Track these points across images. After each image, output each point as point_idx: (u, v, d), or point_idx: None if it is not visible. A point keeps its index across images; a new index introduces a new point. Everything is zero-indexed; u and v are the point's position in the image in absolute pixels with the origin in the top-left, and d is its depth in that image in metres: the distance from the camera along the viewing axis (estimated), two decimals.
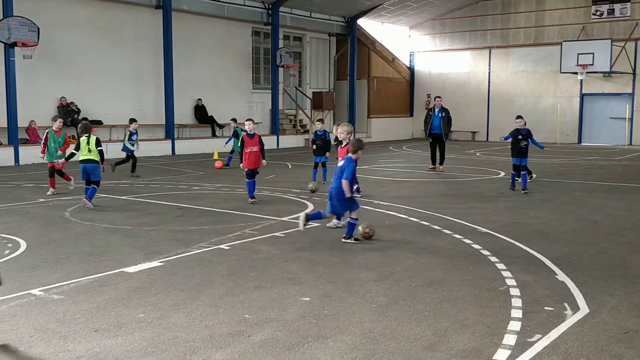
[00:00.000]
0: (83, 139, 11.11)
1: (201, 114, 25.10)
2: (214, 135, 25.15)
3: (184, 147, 23.31)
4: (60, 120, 13.43)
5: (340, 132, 10.18)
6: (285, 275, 6.64)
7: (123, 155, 16.34)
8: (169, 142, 23.05)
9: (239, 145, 13.86)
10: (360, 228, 8.36)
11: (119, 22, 22.37)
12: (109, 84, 22.13)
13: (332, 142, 13.49)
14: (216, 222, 9.60)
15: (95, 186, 11.01)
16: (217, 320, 5.25)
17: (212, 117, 25.25)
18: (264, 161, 11.62)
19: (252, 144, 11.37)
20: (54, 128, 13.01)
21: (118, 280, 6.41)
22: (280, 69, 27.45)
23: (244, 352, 4.59)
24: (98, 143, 11.05)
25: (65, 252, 7.62)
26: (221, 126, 25.65)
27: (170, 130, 23.19)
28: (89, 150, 10.97)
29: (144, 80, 23.25)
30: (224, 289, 6.15)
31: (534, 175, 14.85)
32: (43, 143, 12.93)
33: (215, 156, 21.50)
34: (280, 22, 27.07)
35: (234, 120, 19.70)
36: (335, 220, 9.16)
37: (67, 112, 20.70)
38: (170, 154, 22.90)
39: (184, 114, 24.23)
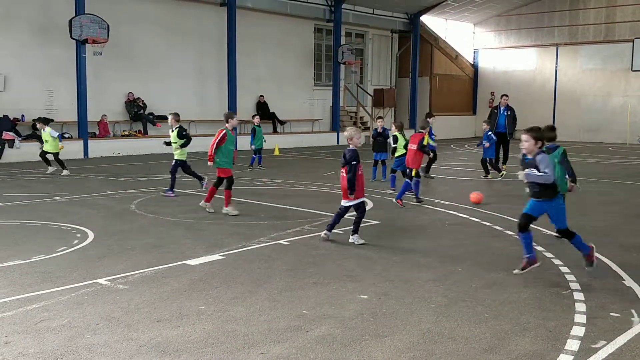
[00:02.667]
0: None
1: (263, 110, 25.40)
2: (275, 131, 25.42)
3: (245, 142, 23.62)
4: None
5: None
6: (344, 272, 6.65)
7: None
8: None
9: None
10: None
11: (185, 19, 22.90)
12: (174, 80, 22.68)
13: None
14: (276, 218, 9.71)
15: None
16: (275, 314, 5.31)
17: (273, 113, 25.52)
18: None
19: None
20: (228, 126, 10.08)
21: (180, 272, 6.57)
22: (342, 66, 27.45)
23: (302, 347, 4.63)
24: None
25: (130, 244, 7.87)
26: (282, 122, 25.89)
27: None
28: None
29: (207, 76, 23.72)
30: (282, 284, 6.22)
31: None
32: (215, 146, 9.91)
33: (277, 152, 21.73)
34: (342, 19, 27.06)
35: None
36: None
37: (134, 108, 21.38)
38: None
39: (246, 109, 24.58)
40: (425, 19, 31.35)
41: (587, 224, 9.60)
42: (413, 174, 11.08)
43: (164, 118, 22.11)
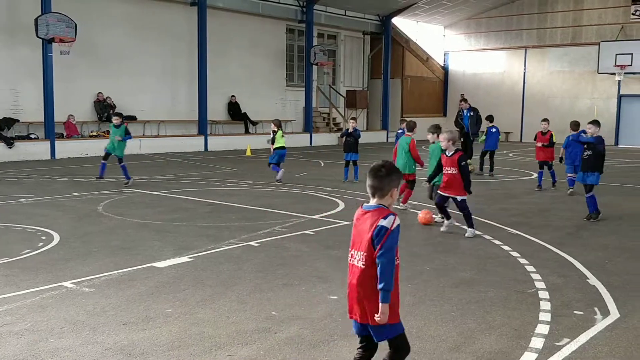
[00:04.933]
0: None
1: (235, 111, 25.30)
2: (247, 132, 25.33)
3: (216, 143, 23.52)
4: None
5: (441, 140, 8.87)
6: (314, 273, 6.65)
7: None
8: (201, 138, 23.28)
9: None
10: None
11: (154, 18, 22.68)
12: (144, 80, 22.46)
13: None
14: (246, 219, 9.67)
15: None
16: (243, 316, 5.28)
17: (245, 113, 25.43)
18: None
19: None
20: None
21: (147, 275, 6.50)
22: (314, 67, 27.49)
23: (269, 348, 4.61)
24: None
25: (96, 246, 7.76)
26: (254, 123, 25.81)
27: (203, 126, 23.43)
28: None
29: (178, 76, 23.55)
30: (251, 285, 6.19)
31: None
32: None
33: (248, 153, 21.66)
34: (314, 20, 27.11)
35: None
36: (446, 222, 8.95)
37: (103, 108, 21.11)
38: (203, 150, 23.14)
39: (217, 110, 24.46)
40: (397, 21, 31.57)
41: (552, 222, 9.77)
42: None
43: (133, 118, 21.94)
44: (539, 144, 13.96)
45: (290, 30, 27.85)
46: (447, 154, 8.70)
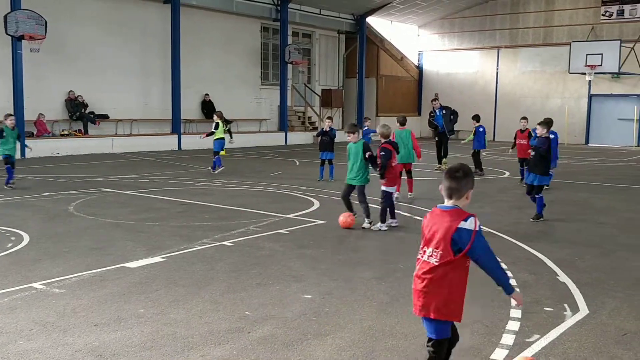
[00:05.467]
0: None
1: (208, 109, 25.13)
2: None
3: (190, 142, 23.35)
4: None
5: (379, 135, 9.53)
6: (288, 273, 6.65)
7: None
8: (175, 137, 23.11)
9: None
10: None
11: (127, 16, 22.45)
12: (116, 78, 22.20)
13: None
14: (220, 219, 9.62)
15: None
16: (216, 316, 5.26)
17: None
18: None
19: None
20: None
21: (119, 275, 6.43)
22: (289, 66, 27.46)
23: (243, 348, 4.60)
24: None
25: (67, 246, 7.66)
26: (229, 122, 25.65)
27: (176, 125, 23.26)
28: None
29: (151, 74, 23.33)
30: (225, 285, 6.16)
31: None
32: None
33: (223, 152, 21.51)
34: (289, 19, 27.07)
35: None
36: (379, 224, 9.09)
37: (75, 106, 20.82)
38: (177, 149, 22.97)
39: (191, 109, 24.28)
40: (371, 20, 31.69)
41: (524, 220, 9.89)
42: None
43: (105, 117, 21.69)
44: (521, 142, 14.13)
45: (264, 28, 27.77)
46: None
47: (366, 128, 18.16)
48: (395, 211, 9.77)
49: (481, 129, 16.55)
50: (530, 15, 31.22)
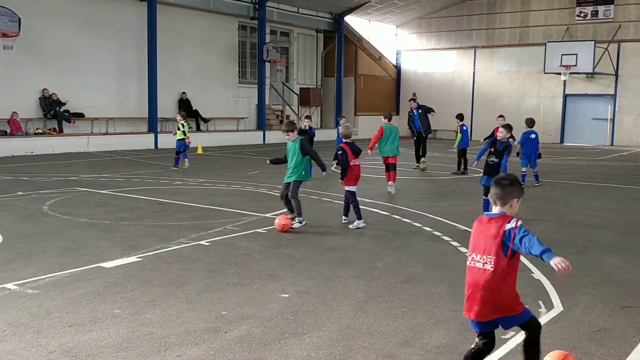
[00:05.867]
0: None
1: (185, 108, 24.95)
2: (198, 129, 25.04)
3: (167, 141, 23.17)
4: None
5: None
6: (265, 272, 6.63)
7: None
8: (151, 136, 22.92)
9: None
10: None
11: (103, 13, 22.20)
12: (92, 76, 21.95)
13: None
14: (197, 218, 9.56)
15: None
16: (193, 316, 5.22)
17: (196, 111, 25.13)
18: None
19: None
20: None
21: (94, 276, 6.36)
22: (267, 64, 27.38)
23: (219, 348, 4.57)
24: None
25: (41, 246, 7.55)
26: (206, 120, 25.54)
27: (153, 123, 23.06)
28: None
29: (127, 72, 23.10)
30: (202, 285, 6.12)
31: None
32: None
33: (200, 150, 21.41)
34: (267, 17, 27.00)
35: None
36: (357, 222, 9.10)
37: (49, 104, 20.54)
38: (153, 147, 22.78)
39: (167, 107, 24.09)
40: (350, 19, 31.74)
41: None
42: None
43: (80, 115, 21.44)
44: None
45: (242, 26, 27.66)
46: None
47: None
48: (374, 210, 9.78)
49: (464, 128, 16.67)
50: (506, 16, 31.52)
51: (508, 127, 9.88)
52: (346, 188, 9.23)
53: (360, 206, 9.26)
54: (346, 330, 4.94)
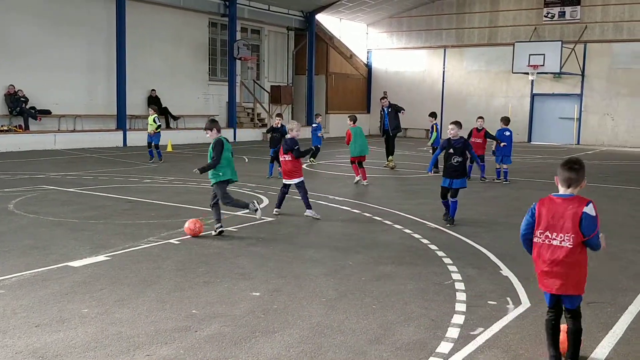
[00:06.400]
0: None
1: (155, 105, 24.67)
2: (168, 127, 24.81)
3: (136, 138, 22.90)
4: None
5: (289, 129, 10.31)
6: (236, 270, 6.61)
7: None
8: (120, 133, 22.62)
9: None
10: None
11: (71, 9, 21.84)
12: (59, 73, 21.57)
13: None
14: (167, 216, 9.48)
15: None
16: (163, 315, 5.18)
17: (166, 108, 24.90)
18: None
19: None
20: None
21: (62, 275, 6.26)
22: (238, 62, 27.24)
23: (190, 347, 4.55)
24: None
25: (7, 246, 7.40)
26: (176, 118, 25.31)
27: (122, 121, 22.77)
28: None
29: (95, 69, 22.76)
30: (171, 284, 6.07)
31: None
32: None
33: (169, 148, 21.22)
34: (237, 14, 26.86)
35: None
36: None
37: (15, 101, 20.13)
38: (122, 145, 22.49)
39: (137, 104, 23.81)
40: (321, 17, 31.76)
41: (468, 216, 10.10)
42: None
43: (47, 112, 21.06)
44: (477, 140, 14.37)
45: (212, 23, 27.48)
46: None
47: (316, 125, 18.21)
48: (345, 208, 9.81)
49: (437, 126, 16.81)
50: (475, 16, 31.88)
51: (458, 124, 9.39)
52: (294, 181, 9.81)
53: (308, 199, 9.89)
54: (317, 328, 4.96)
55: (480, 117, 15.05)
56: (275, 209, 9.93)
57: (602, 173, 17.08)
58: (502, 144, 14.25)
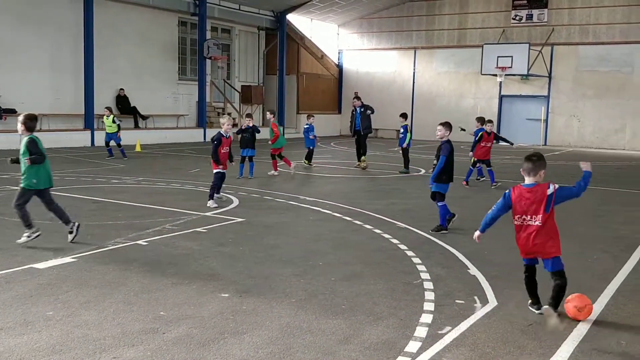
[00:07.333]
0: None
1: (123, 105, 24.40)
2: (136, 126, 24.52)
3: (104, 138, 22.55)
4: None
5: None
6: (205, 272, 6.56)
7: None
8: (88, 133, 22.29)
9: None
10: None
11: (37, 8, 21.45)
12: (26, 72, 21.18)
13: None
14: (134, 217, 9.37)
15: None
16: (130, 317, 5.12)
17: (134, 107, 24.61)
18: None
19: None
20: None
21: (26, 277, 6.14)
22: (208, 61, 27.05)
23: (157, 349, 4.50)
24: None
25: None
26: (144, 117, 25.03)
27: (89, 120, 22.44)
28: None
29: (63, 68, 22.39)
30: (139, 285, 6.00)
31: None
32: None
33: (138, 148, 20.98)
34: (207, 13, 26.68)
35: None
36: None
37: None
38: (90, 145, 22.16)
39: (104, 104, 23.44)
40: (292, 17, 31.73)
41: (438, 216, 10.18)
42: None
43: (12, 111, 20.63)
44: (487, 144, 14.33)
45: (182, 22, 27.25)
46: (225, 135, 10.71)
47: (308, 126, 17.90)
48: (315, 208, 9.80)
49: (408, 127, 16.84)
50: (445, 18, 32.19)
51: (446, 126, 8.93)
52: (215, 171, 10.63)
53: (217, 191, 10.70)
54: (286, 329, 4.95)
55: (490, 121, 14.64)
56: (216, 195, 10.73)
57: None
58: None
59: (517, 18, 30.24)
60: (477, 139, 14.24)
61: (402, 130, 16.79)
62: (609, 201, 12.60)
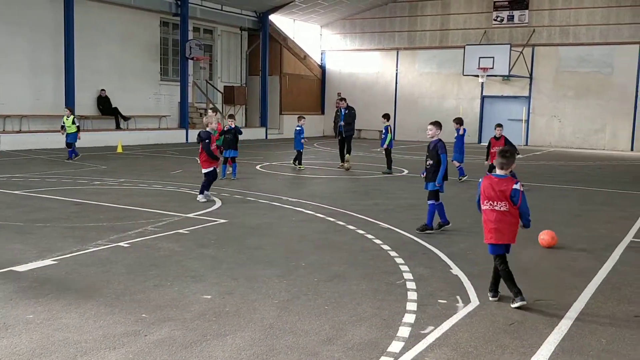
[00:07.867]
0: None
1: (104, 105, 24.21)
2: (118, 127, 24.34)
3: (85, 139, 22.31)
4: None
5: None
6: (187, 273, 6.52)
7: None
8: None
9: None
10: None
11: (16, 8, 21.22)
12: (5, 72, 20.94)
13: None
14: (116, 219, 9.29)
15: None
16: (112, 320, 5.07)
17: (116, 108, 24.43)
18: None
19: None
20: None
21: (6, 280, 6.06)
22: (190, 62, 26.93)
23: (139, 352, 4.46)
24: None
25: None
26: (126, 118, 24.85)
27: None
28: None
29: (43, 69, 22.16)
30: (121, 288, 5.95)
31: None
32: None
33: (120, 149, 20.82)
34: (189, 14, 26.56)
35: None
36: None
37: None
38: None
39: (86, 105, 23.27)
40: (274, 18, 31.69)
41: (421, 217, 10.21)
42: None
43: None
44: (497, 149, 14.37)
45: (164, 23, 27.10)
46: (212, 133, 11.17)
47: (299, 128, 17.84)
48: (298, 209, 9.78)
49: (390, 128, 16.89)
50: (427, 19, 32.34)
51: (436, 125, 8.82)
52: (204, 171, 10.99)
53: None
54: (269, 330, 4.94)
55: (499, 125, 14.53)
56: (206, 192, 11.11)
57: (549, 173, 17.53)
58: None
59: (499, 19, 30.49)
60: (487, 145, 14.51)
61: (384, 131, 16.84)
62: (589, 201, 12.74)
